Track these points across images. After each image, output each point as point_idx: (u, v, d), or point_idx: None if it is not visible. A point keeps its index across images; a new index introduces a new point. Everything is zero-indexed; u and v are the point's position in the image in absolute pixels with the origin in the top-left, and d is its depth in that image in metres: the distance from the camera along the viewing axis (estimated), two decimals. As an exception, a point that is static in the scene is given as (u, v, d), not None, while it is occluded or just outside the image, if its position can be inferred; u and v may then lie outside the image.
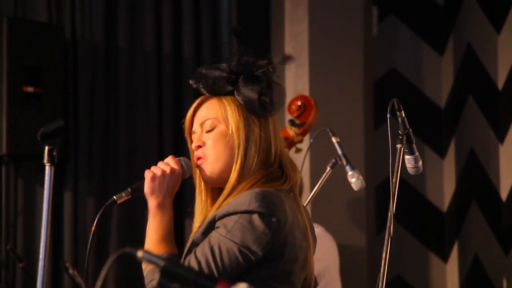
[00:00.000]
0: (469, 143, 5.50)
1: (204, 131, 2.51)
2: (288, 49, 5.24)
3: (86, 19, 5.15)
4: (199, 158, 2.51)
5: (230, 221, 2.35)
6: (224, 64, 2.50)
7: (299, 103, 4.45)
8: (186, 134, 2.58)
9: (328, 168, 3.81)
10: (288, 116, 4.51)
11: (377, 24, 5.68)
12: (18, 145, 4.69)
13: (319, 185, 3.82)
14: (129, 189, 2.50)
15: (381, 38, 5.72)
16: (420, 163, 3.12)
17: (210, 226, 2.40)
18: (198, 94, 2.59)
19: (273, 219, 2.34)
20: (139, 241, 2.46)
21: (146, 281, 2.38)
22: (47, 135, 2.04)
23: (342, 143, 3.80)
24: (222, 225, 2.36)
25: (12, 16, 4.88)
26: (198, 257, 2.33)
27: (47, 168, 2.04)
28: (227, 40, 5.31)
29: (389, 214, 3.06)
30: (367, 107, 5.30)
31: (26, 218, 4.97)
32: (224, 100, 2.50)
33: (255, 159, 2.46)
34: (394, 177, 3.08)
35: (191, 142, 2.57)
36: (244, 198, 2.35)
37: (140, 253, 1.55)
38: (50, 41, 4.87)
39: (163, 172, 2.46)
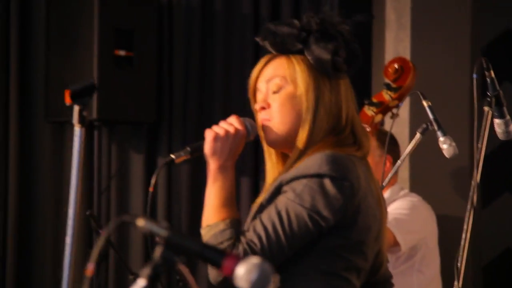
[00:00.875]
0: None
1: (270, 92, 2.36)
2: (389, 10, 5.02)
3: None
4: (264, 120, 2.36)
5: (299, 184, 2.21)
6: (295, 21, 2.34)
7: (396, 65, 4.22)
8: (250, 94, 2.42)
9: (418, 134, 3.59)
10: (382, 81, 4.30)
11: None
12: (109, 110, 4.66)
13: (409, 151, 3.61)
14: (188, 148, 2.36)
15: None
16: None
17: (276, 191, 2.26)
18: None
19: (346, 183, 2.21)
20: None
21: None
22: (76, 94, 1.89)
23: (444, 110, 3.61)
24: (290, 189, 2.22)
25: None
26: (264, 223, 2.20)
27: (77, 129, 1.91)
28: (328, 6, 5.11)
29: (472, 182, 2.84)
30: (473, 74, 5.03)
31: (119, 183, 4.96)
32: (293, 59, 2.34)
33: (324, 124, 2.31)
34: (480, 143, 2.86)
35: (255, 102, 2.41)
36: (314, 161, 2.21)
37: (140, 222, 1.39)
38: (144, 4, 4.80)
39: (227, 132, 2.29)
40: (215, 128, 2.30)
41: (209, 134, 2.29)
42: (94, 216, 3.65)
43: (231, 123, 2.31)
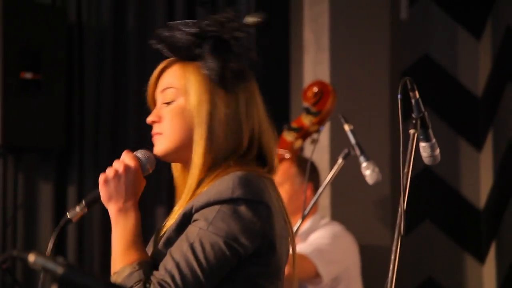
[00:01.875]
0: (508, 134, 5.23)
1: (163, 104, 2.17)
2: (307, 32, 4.92)
3: (92, 1, 4.89)
4: (155, 134, 2.17)
5: (211, 211, 2.01)
6: (192, 25, 2.14)
7: (315, 89, 4.13)
8: (149, 103, 2.23)
9: (340, 160, 3.48)
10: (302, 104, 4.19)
11: (408, 6, 5.37)
12: (15, 136, 4.45)
13: (331, 178, 3.50)
14: (83, 202, 2.15)
15: (412, 21, 5.43)
16: (437, 151, 2.79)
17: (185, 220, 2.05)
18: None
19: (261, 206, 2.04)
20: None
21: None
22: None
23: (365, 134, 3.50)
24: (202, 217, 2.02)
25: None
26: (176, 259, 1.99)
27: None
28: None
29: (399, 210, 2.70)
30: (393, 96, 4.97)
31: (26, 213, 4.71)
32: (189, 68, 2.14)
33: (221, 140, 2.12)
34: (406, 167, 2.73)
35: None
36: (226, 185, 2.02)
37: (31, 257, 1.19)
38: (52, 24, 4.60)
39: (116, 172, 2.09)
40: (107, 171, 2.11)
41: (100, 179, 2.11)
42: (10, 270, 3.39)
43: (122, 161, 2.12)
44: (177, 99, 2.14)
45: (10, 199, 4.65)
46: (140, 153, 2.15)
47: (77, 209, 2.14)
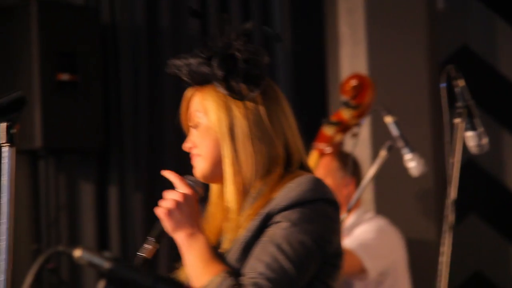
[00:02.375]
0: (551, 123, 5.14)
1: (193, 128, 2.22)
2: (343, 26, 4.87)
3: (126, 1, 4.85)
4: (194, 157, 2.22)
5: (293, 213, 2.03)
6: (201, 49, 2.20)
7: (354, 82, 4.07)
8: (185, 127, 2.28)
9: (384, 152, 3.41)
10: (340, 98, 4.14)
11: (445, -4, 5.32)
12: (55, 137, 4.42)
13: (375, 171, 3.45)
14: (151, 239, 2.16)
15: (449, 12, 5.36)
16: (486, 140, 2.73)
17: (262, 226, 2.06)
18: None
19: (337, 206, 2.11)
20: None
21: None
22: (2, 109, 1.65)
23: (405, 127, 3.44)
24: (284, 219, 2.03)
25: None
26: (265, 260, 1.98)
27: (5, 150, 1.66)
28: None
29: (447, 201, 2.66)
30: (433, 87, 4.91)
31: (69, 214, 4.70)
32: (206, 90, 2.18)
33: (253, 151, 2.13)
34: (452, 157, 2.69)
35: None
36: (304, 187, 2.05)
37: (77, 252, 1.15)
38: (86, 25, 4.59)
39: (176, 202, 2.11)
40: (164, 203, 2.13)
41: (161, 213, 2.12)
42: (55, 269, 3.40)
43: (177, 191, 2.14)
44: (201, 121, 2.17)
45: (52, 200, 4.63)
46: (189, 179, 2.18)
47: (148, 246, 2.15)
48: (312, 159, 3.91)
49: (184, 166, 2.46)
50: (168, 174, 2.17)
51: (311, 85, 5.03)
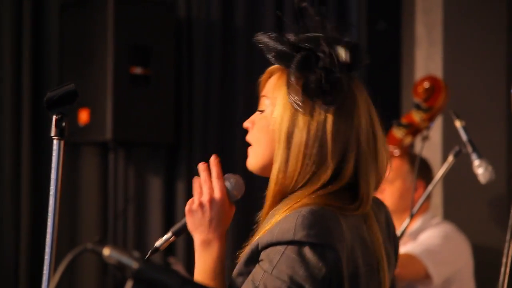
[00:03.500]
0: None
1: (258, 110, 2.09)
2: (419, 25, 4.77)
3: (202, -4, 4.87)
4: (248, 142, 2.10)
5: (275, 253, 1.90)
6: (290, 35, 2.02)
7: (426, 85, 4.00)
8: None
9: (451, 157, 3.33)
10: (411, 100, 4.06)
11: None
12: (125, 130, 4.44)
13: (440, 176, 3.37)
14: (170, 232, 2.13)
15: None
16: None
17: (253, 256, 1.96)
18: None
19: (327, 250, 1.89)
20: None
21: None
22: (54, 102, 1.64)
23: (480, 131, 3.35)
24: (267, 258, 1.91)
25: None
26: None
27: (55, 142, 1.66)
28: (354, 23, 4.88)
29: (512, 210, 2.57)
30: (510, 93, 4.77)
31: (137, 206, 4.73)
32: (284, 78, 2.01)
33: (301, 164, 1.97)
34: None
35: None
36: (289, 224, 1.89)
37: (106, 251, 1.14)
38: (161, 19, 4.60)
39: (200, 204, 2.04)
40: (193, 198, 2.06)
41: (186, 208, 2.06)
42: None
43: (209, 189, 2.06)
44: (267, 110, 2.05)
45: (120, 193, 4.68)
46: (228, 181, 2.09)
47: (165, 237, 2.12)
48: (380, 161, 3.85)
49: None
50: (213, 164, 2.09)
51: (384, 86, 4.96)
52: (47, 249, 1.61)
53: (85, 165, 4.69)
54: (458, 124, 3.36)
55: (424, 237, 3.93)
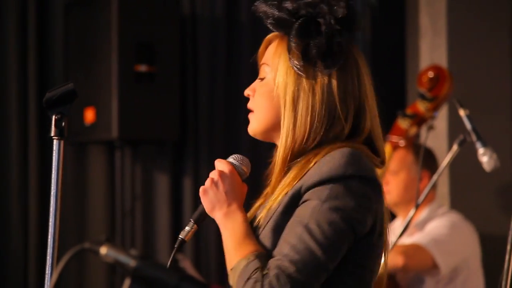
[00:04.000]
0: None
1: (258, 78, 2.12)
2: (423, 15, 4.76)
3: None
4: (249, 109, 2.13)
5: (324, 190, 1.93)
6: (289, 3, 2.05)
7: (430, 74, 3.99)
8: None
9: (455, 146, 3.34)
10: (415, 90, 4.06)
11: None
12: (131, 128, 4.45)
13: (445, 166, 3.37)
14: (191, 220, 2.13)
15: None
16: None
17: (294, 202, 1.97)
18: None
19: (375, 183, 1.96)
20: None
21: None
22: (53, 102, 1.65)
23: (485, 120, 3.35)
24: (314, 196, 1.93)
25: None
26: (292, 242, 1.90)
27: (55, 142, 1.67)
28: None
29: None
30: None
31: (144, 204, 4.75)
32: (283, 44, 2.05)
33: (312, 126, 2.02)
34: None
35: None
36: (337, 161, 1.94)
37: (103, 250, 1.15)
38: (166, 16, 4.60)
39: (212, 180, 2.05)
40: (205, 183, 2.08)
41: (200, 192, 2.07)
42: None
43: (215, 170, 2.08)
44: (268, 75, 2.08)
45: (128, 191, 4.69)
46: (232, 158, 2.12)
47: (187, 228, 2.12)
48: (386, 152, 3.84)
49: (260, 158, 2.40)
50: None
51: (389, 76, 4.95)
52: (49, 249, 1.62)
53: (92, 164, 4.71)
54: (462, 113, 3.37)
55: (430, 227, 3.93)
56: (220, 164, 2.08)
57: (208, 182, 2.06)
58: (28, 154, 4.53)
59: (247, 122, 4.86)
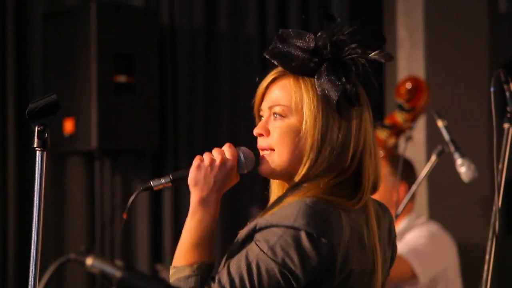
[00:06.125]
0: None
1: (272, 117, 2.09)
2: (401, 27, 4.80)
3: (185, 3, 4.87)
4: (261, 149, 2.10)
5: (273, 235, 1.95)
6: (309, 41, 2.05)
7: (408, 85, 4.02)
8: (255, 110, 2.15)
9: (434, 157, 3.36)
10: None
11: (507, -1, 5.18)
12: (110, 139, 4.46)
13: (424, 176, 3.40)
14: (170, 176, 2.12)
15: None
16: None
17: (250, 235, 2.00)
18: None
19: (323, 241, 1.95)
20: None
21: None
22: (35, 113, 1.65)
23: (463, 131, 3.38)
24: (263, 238, 1.97)
25: (102, 1, 4.63)
26: (232, 274, 1.96)
27: (38, 153, 1.67)
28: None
29: (494, 208, 2.60)
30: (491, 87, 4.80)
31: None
32: (302, 84, 2.06)
33: (326, 163, 2.04)
34: (501, 163, 2.62)
35: (259, 120, 2.15)
36: (291, 211, 1.95)
37: (89, 260, 1.15)
38: (144, 27, 4.61)
39: (212, 161, 2.05)
40: (204, 155, 2.07)
41: (194, 162, 2.07)
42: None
43: (222, 152, 2.07)
44: (289, 117, 2.06)
45: (107, 201, 4.68)
46: (242, 152, 2.11)
47: (162, 180, 2.12)
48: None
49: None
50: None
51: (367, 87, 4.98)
52: (32, 260, 1.62)
53: (71, 175, 4.70)
54: (440, 123, 3.40)
55: (409, 237, 3.95)
56: (228, 152, 2.08)
57: (207, 158, 2.06)
58: (7, 165, 4.52)
59: (226, 132, 4.86)
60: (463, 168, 3.37)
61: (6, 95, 4.53)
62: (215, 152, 2.07)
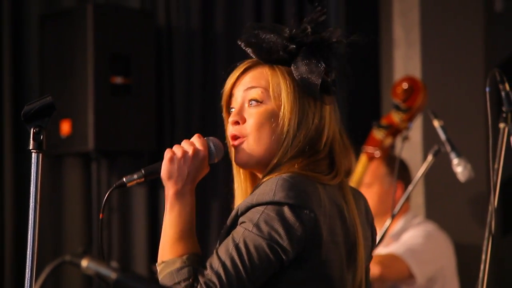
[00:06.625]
0: None
1: (247, 104, 2.09)
2: (397, 27, 4.80)
3: (181, 4, 4.87)
4: (235, 137, 2.10)
5: (256, 213, 1.97)
6: (285, 28, 2.07)
7: (405, 85, 4.03)
8: (224, 101, 2.16)
9: (430, 157, 3.37)
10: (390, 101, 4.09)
11: (503, -2, 5.18)
12: (107, 140, 4.47)
13: (420, 176, 3.41)
14: (142, 171, 2.13)
15: (509, 13, 5.23)
16: None
17: (234, 221, 2.02)
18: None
19: (306, 211, 1.96)
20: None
21: None
22: (31, 115, 1.65)
23: (460, 131, 3.38)
24: (247, 219, 1.98)
25: (99, 2, 4.63)
26: (222, 258, 1.96)
27: (34, 155, 1.67)
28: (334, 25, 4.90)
29: (490, 208, 2.61)
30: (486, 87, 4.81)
31: (121, 215, 4.75)
32: (278, 71, 2.07)
33: (301, 147, 2.06)
34: (496, 163, 2.63)
35: (228, 111, 2.15)
36: (269, 187, 1.97)
37: (84, 262, 1.15)
38: (141, 28, 4.62)
39: (184, 153, 2.05)
40: (175, 148, 2.07)
41: (166, 155, 2.07)
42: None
43: (192, 143, 2.08)
44: (267, 102, 2.07)
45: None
46: (211, 141, 2.11)
47: (135, 176, 2.12)
48: (361, 163, 3.88)
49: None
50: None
51: (364, 88, 4.98)
52: (28, 262, 1.63)
53: (68, 176, 4.70)
54: (436, 123, 3.40)
55: (406, 237, 3.96)
56: (198, 142, 2.08)
57: (179, 151, 2.06)
58: (4, 167, 4.52)
59: (222, 133, 4.87)
60: (459, 168, 3.38)
61: (2, 96, 4.54)
62: (186, 143, 2.08)
